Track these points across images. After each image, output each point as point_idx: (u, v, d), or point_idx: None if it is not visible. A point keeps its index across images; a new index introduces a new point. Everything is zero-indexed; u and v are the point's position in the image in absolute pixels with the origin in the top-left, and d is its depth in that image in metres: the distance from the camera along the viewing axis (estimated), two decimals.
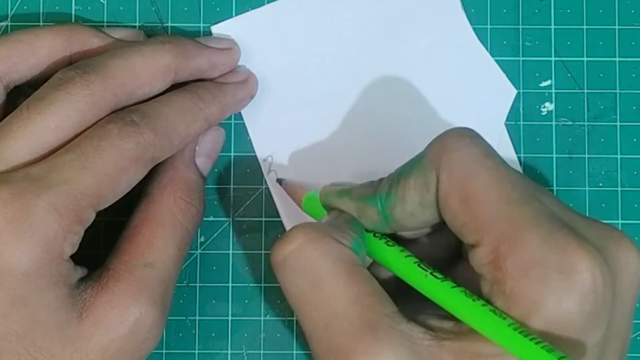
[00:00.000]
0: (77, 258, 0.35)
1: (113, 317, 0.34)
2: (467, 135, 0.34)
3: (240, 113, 0.42)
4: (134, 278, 0.35)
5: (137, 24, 0.42)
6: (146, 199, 0.38)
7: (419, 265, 0.34)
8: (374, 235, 0.36)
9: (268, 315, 0.41)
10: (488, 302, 0.32)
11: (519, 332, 0.30)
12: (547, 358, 0.29)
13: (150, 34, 0.41)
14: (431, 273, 0.33)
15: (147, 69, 0.37)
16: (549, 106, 0.42)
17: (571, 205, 0.41)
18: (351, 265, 0.33)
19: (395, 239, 0.36)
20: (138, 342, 0.35)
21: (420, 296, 0.34)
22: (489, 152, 0.34)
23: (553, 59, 0.42)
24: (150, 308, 0.35)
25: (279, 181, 0.41)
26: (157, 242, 0.36)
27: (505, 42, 0.42)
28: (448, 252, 0.37)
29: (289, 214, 0.42)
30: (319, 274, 0.33)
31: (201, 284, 0.41)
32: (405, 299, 0.34)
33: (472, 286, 0.33)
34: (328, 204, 0.38)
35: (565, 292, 0.30)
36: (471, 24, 0.42)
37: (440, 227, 0.36)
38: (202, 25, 0.42)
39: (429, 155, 0.34)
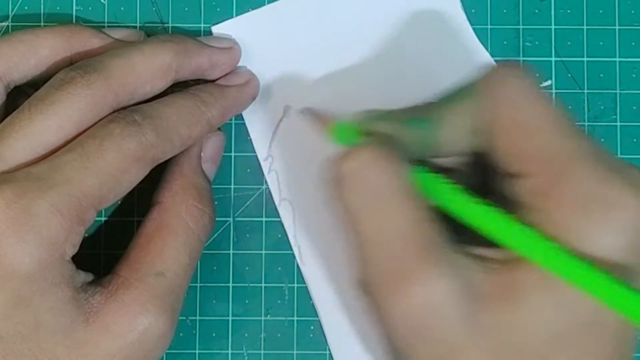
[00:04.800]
0: (78, 259, 0.35)
1: (121, 325, 0.34)
2: (520, 69, 0.34)
3: (240, 113, 0.42)
4: (144, 287, 0.35)
5: (137, 24, 0.42)
6: (158, 207, 0.38)
7: (461, 192, 0.33)
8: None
9: (269, 315, 0.41)
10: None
11: (567, 255, 0.30)
12: (596, 280, 0.29)
13: (151, 34, 0.41)
14: (474, 200, 0.33)
15: (148, 68, 0.37)
16: None
17: None
18: (411, 190, 0.33)
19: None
20: (145, 351, 0.35)
21: (459, 228, 0.34)
22: (540, 88, 0.34)
23: (553, 59, 0.42)
24: (160, 318, 0.35)
25: (302, 111, 0.40)
26: (169, 251, 0.36)
27: (505, 42, 0.42)
28: (478, 185, 0.36)
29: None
30: (382, 192, 0.32)
31: (201, 284, 0.41)
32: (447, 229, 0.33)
33: None
34: (365, 129, 0.36)
35: (615, 225, 0.30)
36: (471, 24, 0.42)
37: (473, 158, 0.36)
38: (202, 25, 0.42)
39: (480, 81, 0.34)
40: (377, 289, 0.32)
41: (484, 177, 0.35)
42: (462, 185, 0.34)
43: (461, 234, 0.34)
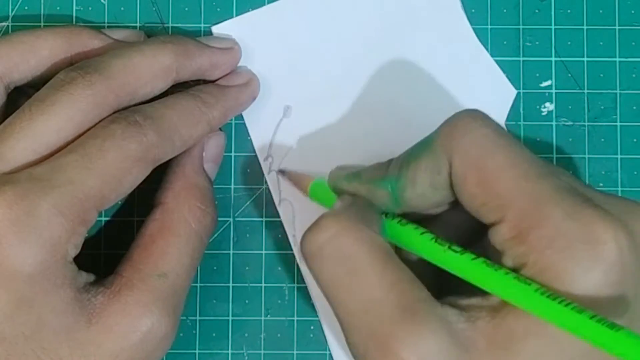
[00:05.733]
0: (79, 260, 0.35)
1: (124, 326, 0.34)
2: (478, 117, 0.34)
3: (240, 113, 0.42)
4: (147, 288, 0.35)
5: (137, 24, 0.42)
6: (160, 208, 0.38)
7: (436, 241, 0.34)
8: (386, 216, 0.36)
9: (269, 315, 0.41)
10: None
11: (546, 295, 0.30)
12: (577, 319, 0.29)
13: (151, 34, 0.41)
14: (449, 247, 0.33)
15: (148, 69, 0.37)
16: (549, 106, 0.42)
17: None
18: (385, 253, 0.33)
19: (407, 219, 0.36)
20: (148, 352, 0.35)
21: (441, 278, 0.34)
22: (501, 132, 0.34)
23: (553, 59, 0.42)
24: (163, 319, 0.35)
25: (281, 172, 0.42)
26: (172, 252, 0.37)
27: (505, 42, 0.42)
28: (461, 233, 0.36)
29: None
30: (355, 262, 0.33)
31: (202, 284, 0.41)
32: (426, 283, 0.33)
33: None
34: (337, 188, 0.38)
35: (591, 262, 0.30)
36: (471, 24, 0.42)
37: (451, 207, 0.36)
38: (202, 25, 0.42)
39: (439, 138, 0.34)
40: (367, 357, 0.32)
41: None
42: (442, 234, 0.34)
43: (444, 281, 0.34)
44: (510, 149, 0.33)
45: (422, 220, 0.36)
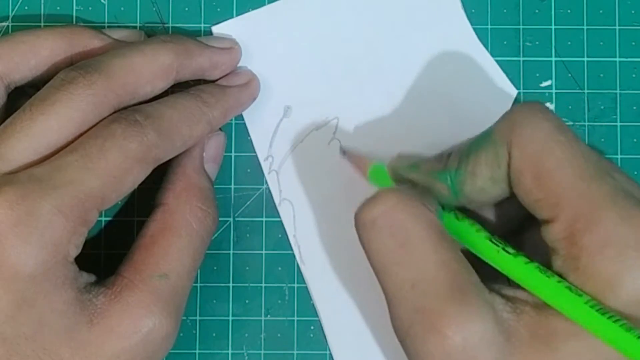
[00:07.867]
0: (79, 260, 0.35)
1: (126, 327, 0.34)
2: (538, 110, 0.34)
3: (241, 113, 0.42)
4: (148, 289, 0.35)
5: (137, 24, 0.42)
6: (161, 209, 0.38)
7: (490, 240, 0.34)
8: (443, 208, 0.36)
9: (269, 315, 0.41)
10: (561, 277, 0.32)
11: (595, 309, 0.30)
12: (624, 337, 0.29)
13: (151, 34, 0.41)
14: (503, 248, 0.33)
15: (148, 68, 0.37)
16: (549, 106, 0.42)
17: None
18: (439, 231, 0.33)
19: (462, 209, 0.36)
20: (149, 352, 0.35)
21: (486, 266, 0.34)
22: (561, 127, 0.33)
23: (553, 59, 0.42)
24: (165, 320, 0.35)
25: (342, 152, 0.41)
26: (173, 253, 0.36)
27: (505, 42, 0.42)
28: (514, 223, 0.37)
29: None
30: (410, 236, 0.33)
31: (202, 284, 0.41)
32: (475, 268, 0.33)
33: (541, 259, 0.33)
34: (396, 177, 0.37)
35: None
36: (471, 24, 0.42)
37: (506, 199, 0.36)
38: (202, 25, 0.42)
39: (499, 130, 0.34)
40: (410, 332, 0.32)
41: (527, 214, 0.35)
42: (493, 221, 0.35)
43: (491, 271, 0.34)
44: (568, 146, 0.33)
45: (476, 210, 0.36)
